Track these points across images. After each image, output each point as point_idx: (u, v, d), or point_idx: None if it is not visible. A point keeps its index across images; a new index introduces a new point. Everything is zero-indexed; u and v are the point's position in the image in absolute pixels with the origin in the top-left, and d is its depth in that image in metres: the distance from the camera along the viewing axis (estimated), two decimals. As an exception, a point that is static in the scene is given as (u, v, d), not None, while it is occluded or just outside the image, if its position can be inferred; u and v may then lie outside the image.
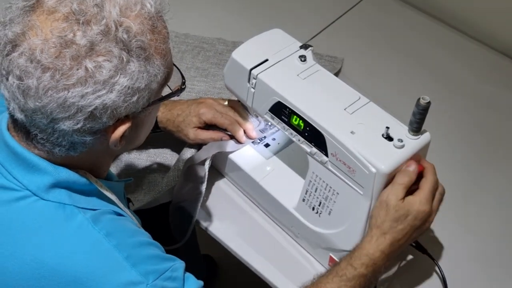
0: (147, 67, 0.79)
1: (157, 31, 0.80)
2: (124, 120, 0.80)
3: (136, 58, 0.77)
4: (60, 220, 0.81)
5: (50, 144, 0.80)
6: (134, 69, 0.77)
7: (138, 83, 0.78)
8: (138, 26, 0.77)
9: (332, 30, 1.59)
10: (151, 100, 0.83)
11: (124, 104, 0.78)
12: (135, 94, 0.78)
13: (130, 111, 0.80)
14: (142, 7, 0.79)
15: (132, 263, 0.80)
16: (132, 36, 0.76)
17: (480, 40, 1.55)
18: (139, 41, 0.77)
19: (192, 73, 1.46)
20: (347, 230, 1.02)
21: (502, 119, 1.40)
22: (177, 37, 1.54)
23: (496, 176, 1.29)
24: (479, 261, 1.15)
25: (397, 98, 1.37)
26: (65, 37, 0.73)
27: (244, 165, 1.18)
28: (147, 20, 0.79)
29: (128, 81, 0.77)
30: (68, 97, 0.74)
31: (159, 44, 0.80)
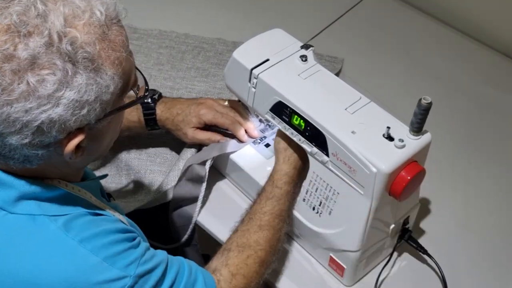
0: (96, 79, 0.75)
1: (108, 39, 0.77)
2: (76, 133, 0.78)
3: (83, 70, 0.74)
4: (31, 232, 0.80)
5: (3, 158, 0.78)
6: (81, 81, 0.73)
7: (87, 96, 0.75)
8: (85, 36, 0.74)
9: (332, 30, 1.59)
10: (107, 111, 0.80)
11: (73, 118, 0.75)
12: (84, 106, 0.75)
13: (82, 124, 0.77)
14: (91, 15, 0.75)
15: (111, 262, 0.80)
16: (78, 47, 0.73)
17: (480, 40, 1.55)
18: (85, 52, 0.74)
19: (192, 73, 1.46)
20: (348, 230, 1.02)
21: (502, 119, 1.40)
22: (177, 37, 1.54)
23: (497, 176, 1.29)
24: (479, 261, 1.15)
25: (398, 98, 1.37)
26: (5, 51, 0.70)
27: (244, 165, 1.18)
28: (97, 29, 0.75)
29: (75, 94, 0.73)
30: (11, 112, 0.71)
31: (111, 53, 0.77)
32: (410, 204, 1.08)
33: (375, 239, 1.05)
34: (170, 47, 1.52)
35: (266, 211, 1.04)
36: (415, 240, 1.12)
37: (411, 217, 1.11)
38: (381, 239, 1.07)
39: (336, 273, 1.10)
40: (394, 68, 1.50)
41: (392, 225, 1.06)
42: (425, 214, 1.21)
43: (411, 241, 1.12)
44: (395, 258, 1.14)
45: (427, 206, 1.22)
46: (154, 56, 1.50)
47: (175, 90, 1.41)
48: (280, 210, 1.04)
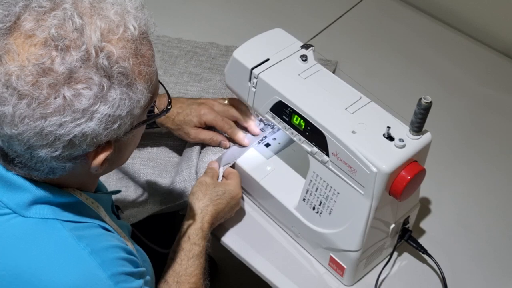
0: (129, 94, 0.75)
1: (141, 54, 0.77)
2: (105, 147, 0.78)
3: (117, 85, 0.74)
4: (41, 234, 0.79)
5: (28, 169, 0.78)
6: (115, 96, 0.74)
7: (120, 111, 0.75)
8: (120, 50, 0.74)
9: (332, 30, 1.59)
10: (134, 124, 0.80)
11: (105, 132, 0.75)
12: (117, 121, 0.75)
13: (111, 138, 0.77)
14: (125, 30, 0.75)
15: (116, 281, 0.80)
16: (114, 62, 0.73)
17: (480, 40, 1.55)
18: (121, 67, 0.74)
19: (185, 78, 1.45)
20: (348, 230, 1.02)
21: (502, 119, 1.40)
22: (170, 41, 1.53)
23: (497, 177, 1.29)
24: (479, 261, 1.15)
25: (398, 98, 1.37)
26: (43, 65, 0.70)
27: (244, 165, 1.18)
28: (130, 44, 0.75)
29: (108, 109, 0.73)
30: (45, 126, 0.71)
31: (143, 68, 0.77)
32: (410, 204, 1.08)
33: (375, 239, 1.05)
34: (163, 51, 1.51)
35: (191, 272, 1.04)
36: (415, 240, 1.12)
37: (411, 217, 1.11)
38: (381, 239, 1.07)
39: (336, 273, 1.10)
40: (394, 68, 1.50)
41: (392, 225, 1.06)
42: (425, 214, 1.21)
43: (411, 241, 1.12)
44: (395, 258, 1.14)
45: (427, 206, 1.22)
46: (146, 61, 1.49)
47: (167, 95, 1.41)
48: (203, 269, 1.06)
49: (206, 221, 1.08)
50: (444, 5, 1.60)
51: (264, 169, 1.17)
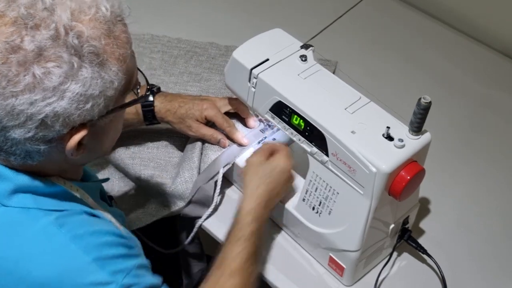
0: (101, 73, 0.76)
1: (113, 35, 0.77)
2: (79, 128, 0.77)
3: (88, 64, 0.74)
4: (23, 224, 0.79)
5: (5, 153, 0.78)
6: (86, 75, 0.74)
7: (92, 90, 0.75)
8: (91, 30, 0.75)
9: (332, 30, 1.59)
10: (110, 108, 0.80)
11: (77, 112, 0.75)
12: (89, 101, 0.75)
13: (85, 119, 0.77)
14: (96, 11, 0.76)
15: (101, 264, 0.79)
16: (84, 41, 0.74)
17: (480, 40, 1.55)
18: (91, 46, 0.74)
19: (185, 78, 1.45)
20: (347, 230, 1.02)
21: (502, 119, 1.40)
22: (170, 41, 1.53)
23: (497, 176, 1.29)
24: (479, 261, 1.15)
25: (398, 98, 1.37)
26: (12, 42, 0.71)
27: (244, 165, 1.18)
28: (102, 24, 0.76)
29: (80, 87, 0.74)
30: (16, 105, 0.72)
31: (116, 49, 0.77)
32: (410, 204, 1.08)
33: (375, 239, 1.05)
34: (162, 51, 1.51)
35: (235, 255, 1.00)
36: (414, 240, 1.12)
37: (410, 217, 1.11)
38: (381, 239, 1.07)
39: (336, 273, 1.10)
40: (394, 68, 1.50)
41: (392, 225, 1.06)
42: (425, 214, 1.21)
43: (410, 241, 1.11)
44: (395, 258, 1.14)
45: (427, 206, 1.22)
46: (146, 61, 1.49)
47: (167, 95, 1.41)
48: (249, 253, 1.00)
49: (258, 203, 1.04)
50: (444, 5, 1.60)
51: (264, 169, 1.17)
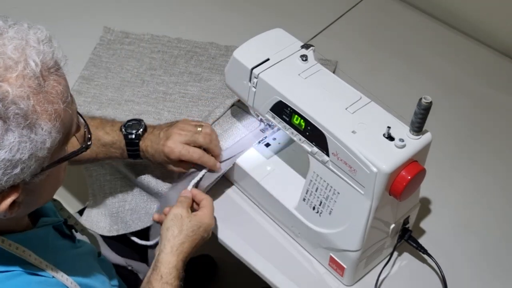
0: (31, 136, 0.70)
1: (45, 91, 0.71)
2: (9, 191, 0.72)
3: (15, 127, 0.68)
4: None
5: None
6: (12, 140, 0.68)
7: (20, 154, 0.69)
8: (18, 89, 0.68)
9: (332, 30, 1.59)
10: (44, 165, 0.74)
11: (4, 177, 0.70)
12: (17, 165, 0.70)
13: (15, 182, 0.71)
14: (25, 67, 0.69)
15: None
16: (10, 102, 0.67)
17: (480, 40, 1.55)
18: (18, 109, 0.68)
19: (185, 77, 1.45)
20: (348, 230, 1.02)
21: (502, 119, 1.40)
22: (170, 41, 1.53)
23: (497, 176, 1.29)
24: (479, 261, 1.15)
25: (398, 98, 1.37)
26: None
27: (244, 165, 1.18)
28: (32, 81, 0.69)
29: (6, 153, 0.68)
30: None
31: (48, 106, 0.71)
32: (410, 204, 1.08)
33: (375, 239, 1.05)
34: (163, 51, 1.51)
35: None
36: (415, 240, 1.12)
37: (411, 217, 1.11)
38: (381, 239, 1.07)
39: (336, 272, 1.10)
40: (395, 68, 1.50)
41: (392, 225, 1.06)
42: (425, 214, 1.21)
43: (411, 241, 1.11)
44: (395, 258, 1.14)
45: (427, 206, 1.22)
46: (147, 61, 1.49)
47: (168, 95, 1.41)
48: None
49: (181, 259, 1.02)
50: (444, 5, 1.60)
51: (264, 169, 1.17)
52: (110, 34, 1.55)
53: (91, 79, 1.44)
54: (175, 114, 1.36)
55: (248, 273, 1.16)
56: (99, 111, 1.36)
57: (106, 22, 1.58)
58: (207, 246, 1.23)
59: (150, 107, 1.38)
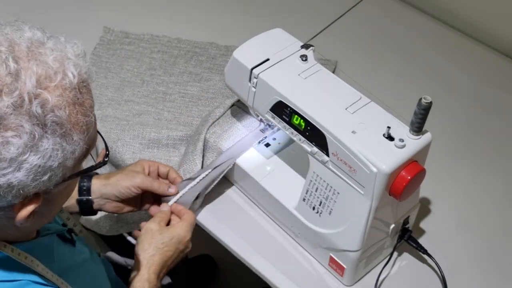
0: (63, 144, 0.71)
1: (79, 103, 0.73)
2: (33, 199, 0.73)
3: (51, 135, 0.70)
4: None
5: None
6: (47, 146, 0.69)
7: (51, 162, 0.70)
8: (56, 98, 0.70)
9: (332, 30, 1.59)
10: (66, 176, 0.75)
11: (33, 183, 0.70)
12: (47, 172, 0.71)
13: (40, 190, 0.72)
14: (63, 77, 0.71)
15: None
16: (48, 110, 0.69)
17: (480, 40, 1.55)
18: (55, 116, 0.70)
19: (185, 77, 1.45)
20: (348, 230, 1.02)
21: (502, 119, 1.40)
22: (170, 41, 1.53)
23: (497, 177, 1.29)
24: (479, 261, 1.15)
25: (398, 98, 1.37)
26: None
27: (244, 165, 1.18)
28: (68, 92, 0.71)
29: (39, 159, 0.69)
30: None
31: (80, 118, 0.73)
32: (410, 204, 1.08)
33: (375, 239, 1.05)
34: (163, 51, 1.51)
35: None
36: (415, 240, 1.12)
37: (411, 217, 1.11)
38: (381, 239, 1.07)
39: (336, 273, 1.10)
40: (394, 68, 1.50)
41: (392, 225, 1.06)
42: (425, 214, 1.21)
43: (411, 241, 1.12)
44: (395, 258, 1.14)
45: (427, 206, 1.22)
46: (147, 61, 1.49)
47: (168, 95, 1.41)
48: None
49: (153, 272, 1.02)
50: (444, 5, 1.60)
51: (264, 169, 1.17)
52: (110, 34, 1.55)
53: (91, 79, 1.44)
54: (175, 114, 1.36)
55: (248, 273, 1.16)
56: (99, 111, 1.36)
57: (106, 22, 1.58)
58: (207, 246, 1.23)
59: (150, 107, 1.38)
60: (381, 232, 1.05)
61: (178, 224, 1.08)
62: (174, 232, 1.06)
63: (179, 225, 1.08)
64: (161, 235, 1.05)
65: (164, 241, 1.04)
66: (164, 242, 1.04)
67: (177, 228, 1.07)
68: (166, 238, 1.05)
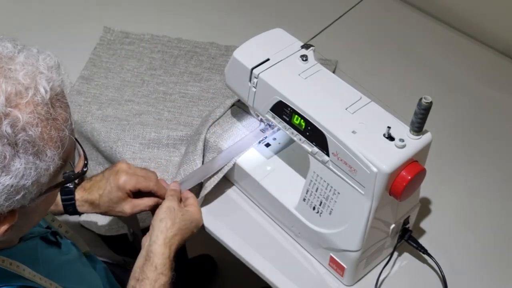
0: (36, 162, 0.70)
1: (52, 118, 0.71)
2: (7, 216, 0.72)
3: (23, 154, 0.68)
4: None
5: None
6: (19, 166, 0.68)
7: (24, 181, 0.69)
8: (28, 116, 0.68)
9: (332, 30, 1.59)
10: (42, 190, 0.74)
11: (6, 203, 0.69)
12: (20, 192, 0.70)
13: (15, 207, 0.71)
14: (35, 93, 0.69)
15: None
16: (19, 129, 0.67)
17: (480, 40, 1.55)
18: (27, 135, 0.68)
19: (185, 78, 1.45)
20: (348, 230, 1.02)
21: (502, 119, 1.40)
22: (170, 41, 1.53)
23: (497, 176, 1.29)
24: (479, 261, 1.15)
25: (398, 98, 1.37)
26: None
27: (244, 165, 1.18)
28: (40, 108, 0.70)
29: (11, 179, 0.68)
30: None
31: (54, 133, 0.71)
32: (411, 204, 1.08)
33: (376, 239, 1.05)
34: (163, 51, 1.51)
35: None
36: (415, 240, 1.12)
37: (411, 217, 1.11)
38: (381, 239, 1.07)
39: (336, 273, 1.10)
40: (395, 68, 1.50)
41: (392, 225, 1.06)
42: (425, 214, 1.21)
43: (411, 241, 1.12)
44: (395, 258, 1.15)
45: (427, 206, 1.22)
46: (147, 61, 1.49)
47: (168, 95, 1.41)
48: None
49: (173, 251, 1.03)
50: (444, 5, 1.60)
51: (264, 169, 1.17)
52: (110, 34, 1.55)
53: (91, 79, 1.44)
54: (175, 114, 1.37)
55: (248, 273, 1.16)
56: (99, 111, 1.36)
57: (106, 22, 1.58)
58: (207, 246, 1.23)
59: (150, 107, 1.38)
60: (381, 232, 1.05)
61: (194, 208, 1.10)
62: (193, 216, 1.08)
63: (195, 209, 1.09)
64: (183, 216, 1.06)
65: (186, 223, 1.06)
66: (186, 224, 1.06)
67: (194, 213, 1.09)
68: (187, 220, 1.06)
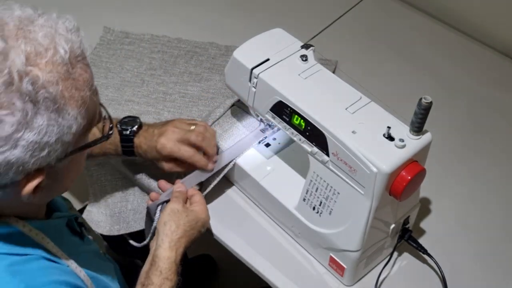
0: (58, 120, 0.72)
1: (72, 78, 0.74)
2: (35, 174, 0.74)
3: (44, 111, 0.71)
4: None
5: None
6: (41, 122, 0.70)
7: (47, 137, 0.72)
8: (48, 74, 0.71)
9: (332, 30, 1.59)
10: (69, 150, 0.77)
11: (32, 160, 0.72)
12: (45, 148, 0.72)
13: (41, 165, 0.74)
14: (54, 53, 0.72)
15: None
16: (40, 86, 0.70)
17: (480, 40, 1.56)
18: (47, 92, 0.70)
19: (185, 77, 1.45)
20: (348, 230, 1.02)
21: (502, 119, 1.40)
22: (170, 41, 1.53)
23: (497, 176, 1.29)
24: (479, 261, 1.15)
25: (398, 98, 1.37)
26: None
27: (244, 165, 1.18)
28: (60, 67, 0.72)
29: (34, 136, 0.70)
30: None
31: (75, 92, 0.74)
32: (410, 204, 1.08)
33: (375, 239, 1.05)
34: (163, 51, 1.51)
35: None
36: (415, 240, 1.12)
37: (411, 217, 1.11)
38: (381, 239, 1.07)
39: (336, 273, 1.10)
40: (394, 68, 1.50)
41: (392, 225, 1.06)
42: (425, 214, 1.21)
43: (411, 241, 1.12)
44: (395, 258, 1.15)
45: (427, 206, 1.22)
46: (147, 61, 1.49)
47: (168, 95, 1.41)
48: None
49: (179, 254, 1.02)
50: (444, 5, 1.60)
51: (264, 169, 1.17)
52: (110, 34, 1.55)
53: (91, 79, 1.44)
54: (175, 114, 1.37)
55: (248, 273, 1.16)
56: (99, 111, 1.36)
57: (106, 22, 1.58)
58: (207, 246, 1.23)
59: (150, 107, 1.38)
60: (381, 232, 1.05)
61: (200, 207, 1.08)
62: (199, 215, 1.07)
63: (201, 209, 1.08)
64: (188, 217, 1.05)
65: (191, 224, 1.05)
66: (191, 225, 1.05)
67: (200, 212, 1.07)
68: (192, 221, 1.05)
